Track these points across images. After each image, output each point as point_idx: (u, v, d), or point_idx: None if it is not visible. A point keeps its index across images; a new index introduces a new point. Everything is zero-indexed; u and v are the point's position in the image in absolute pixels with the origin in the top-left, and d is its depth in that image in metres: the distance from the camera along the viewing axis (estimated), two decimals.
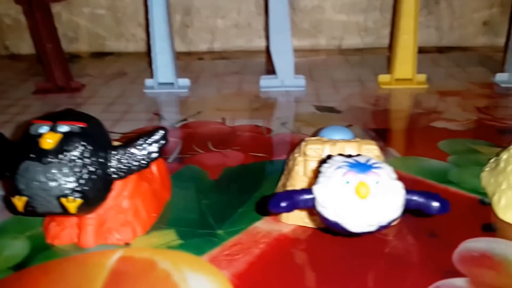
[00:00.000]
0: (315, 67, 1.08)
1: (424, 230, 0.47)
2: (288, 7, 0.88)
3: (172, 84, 0.93)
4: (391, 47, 1.01)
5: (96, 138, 0.43)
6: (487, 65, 1.07)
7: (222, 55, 1.21)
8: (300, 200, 0.39)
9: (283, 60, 0.92)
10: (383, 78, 0.96)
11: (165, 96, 0.91)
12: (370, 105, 0.83)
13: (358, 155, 0.40)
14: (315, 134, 0.53)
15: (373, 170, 0.37)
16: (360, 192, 0.36)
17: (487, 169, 0.57)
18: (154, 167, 0.51)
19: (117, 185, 0.45)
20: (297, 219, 0.48)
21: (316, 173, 0.41)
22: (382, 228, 0.38)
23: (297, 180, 0.47)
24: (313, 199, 0.38)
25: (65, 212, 0.41)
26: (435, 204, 0.38)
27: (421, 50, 1.22)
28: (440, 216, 0.49)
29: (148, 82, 0.94)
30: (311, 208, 0.39)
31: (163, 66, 0.92)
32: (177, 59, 0.94)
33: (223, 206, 0.52)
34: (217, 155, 0.65)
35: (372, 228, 0.37)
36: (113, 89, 0.96)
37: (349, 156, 0.40)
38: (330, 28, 1.24)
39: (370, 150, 0.46)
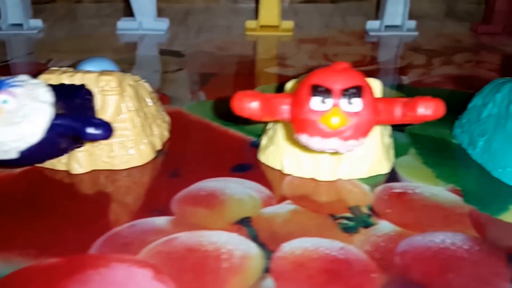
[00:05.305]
0: (206, 14, 1.04)
1: (169, 170, 0.45)
2: None
3: (21, 25, 0.88)
4: None
5: None
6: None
7: None
8: None
9: (143, 1, 0.87)
10: (250, 24, 0.92)
11: (12, 37, 0.86)
12: (220, 51, 0.80)
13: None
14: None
15: (9, 89, 0.34)
16: None
17: None
18: None
19: None
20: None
21: None
22: (28, 155, 0.34)
23: None
24: None
25: None
26: (89, 129, 0.35)
27: (316, 1, 1.19)
28: (192, 158, 0.47)
29: None
30: None
31: (12, 6, 0.87)
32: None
33: None
34: None
35: (11, 154, 0.34)
36: None
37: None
38: None
39: (107, 81, 0.43)
